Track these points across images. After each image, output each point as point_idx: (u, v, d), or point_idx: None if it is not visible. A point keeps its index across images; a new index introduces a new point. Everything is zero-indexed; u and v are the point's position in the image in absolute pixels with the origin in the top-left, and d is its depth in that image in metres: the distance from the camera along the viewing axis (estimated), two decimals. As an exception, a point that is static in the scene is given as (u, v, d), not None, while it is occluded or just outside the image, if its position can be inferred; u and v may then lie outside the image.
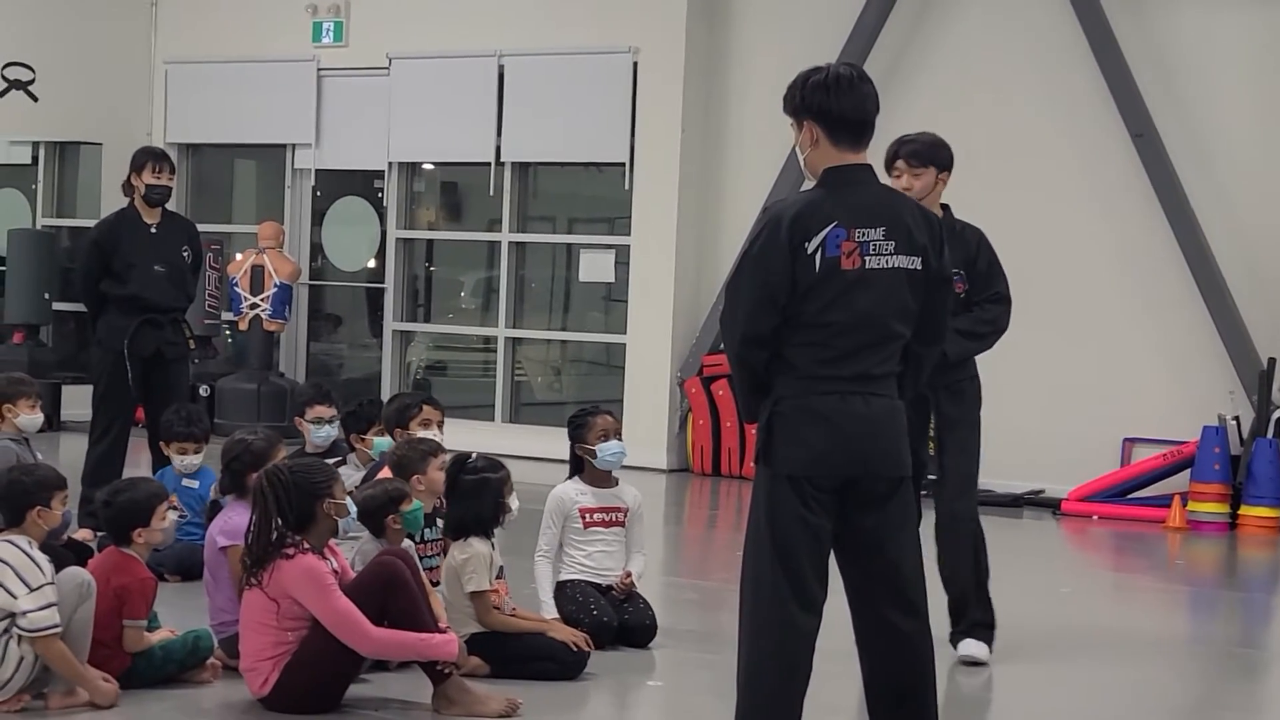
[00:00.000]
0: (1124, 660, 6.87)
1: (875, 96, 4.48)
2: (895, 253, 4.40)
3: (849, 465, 4.40)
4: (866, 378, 4.40)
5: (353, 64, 14.59)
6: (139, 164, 8.88)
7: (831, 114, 4.43)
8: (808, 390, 4.40)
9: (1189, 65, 11.82)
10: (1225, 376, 11.58)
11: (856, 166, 4.45)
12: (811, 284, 4.36)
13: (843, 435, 4.38)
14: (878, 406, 4.41)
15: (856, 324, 4.38)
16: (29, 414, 7.53)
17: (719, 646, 6.90)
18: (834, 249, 4.35)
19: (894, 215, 4.43)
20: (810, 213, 4.39)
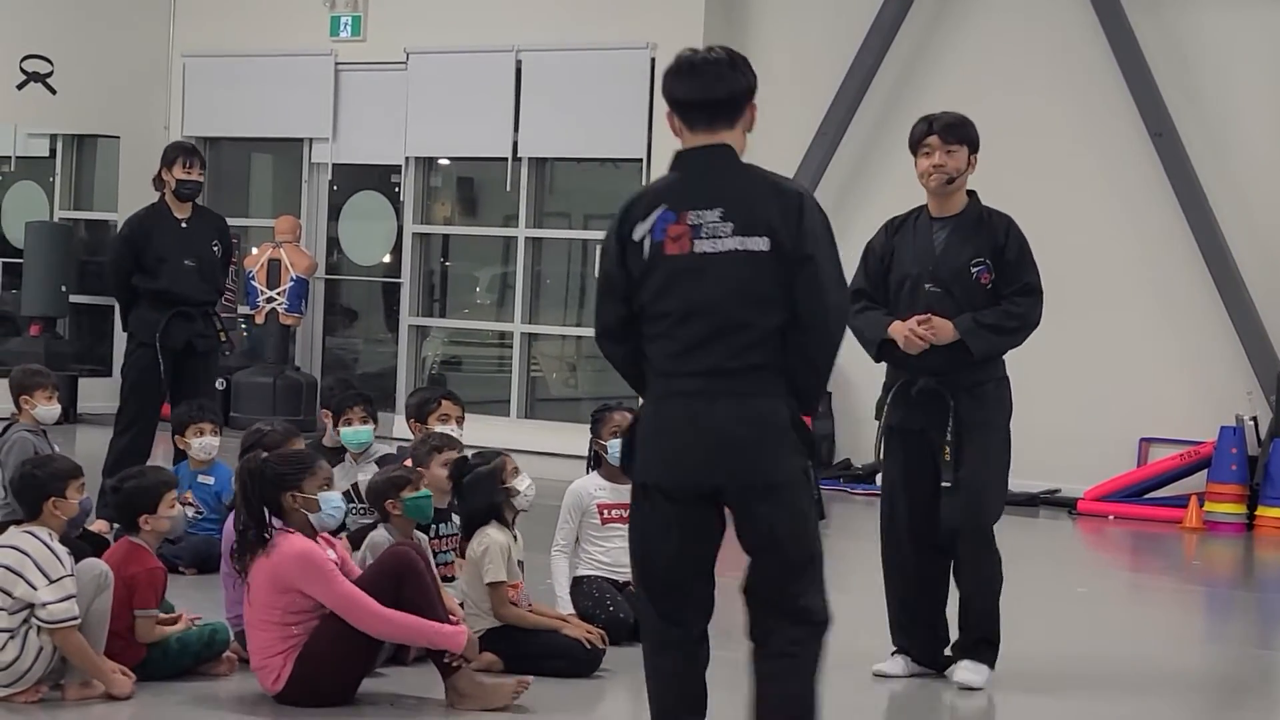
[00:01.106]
0: (1140, 661, 6.85)
1: (730, 75, 4.25)
2: (734, 234, 4.14)
3: (703, 475, 4.18)
4: (722, 373, 4.15)
5: (370, 58, 14.59)
6: (170, 159, 8.92)
7: (678, 99, 4.28)
8: (664, 390, 4.24)
9: (1209, 64, 11.78)
10: (1243, 377, 11.54)
11: (708, 148, 4.25)
12: (643, 272, 4.20)
13: (692, 443, 4.16)
14: (735, 409, 4.14)
15: (693, 312, 4.15)
16: (46, 405, 7.54)
17: (734, 643, 6.87)
18: (660, 234, 4.18)
19: (736, 194, 4.19)
20: (643, 198, 4.26)
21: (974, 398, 6.02)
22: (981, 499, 6.03)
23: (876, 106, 12.79)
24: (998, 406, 6.07)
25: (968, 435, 6.00)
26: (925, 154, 6.03)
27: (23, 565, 5.23)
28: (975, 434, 6.00)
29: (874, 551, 10.09)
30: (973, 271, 6.00)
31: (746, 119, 4.33)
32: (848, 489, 12.17)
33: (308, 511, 5.41)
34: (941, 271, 6.05)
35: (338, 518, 5.58)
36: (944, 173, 6.01)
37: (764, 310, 4.16)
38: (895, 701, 6.09)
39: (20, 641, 5.23)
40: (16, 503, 5.56)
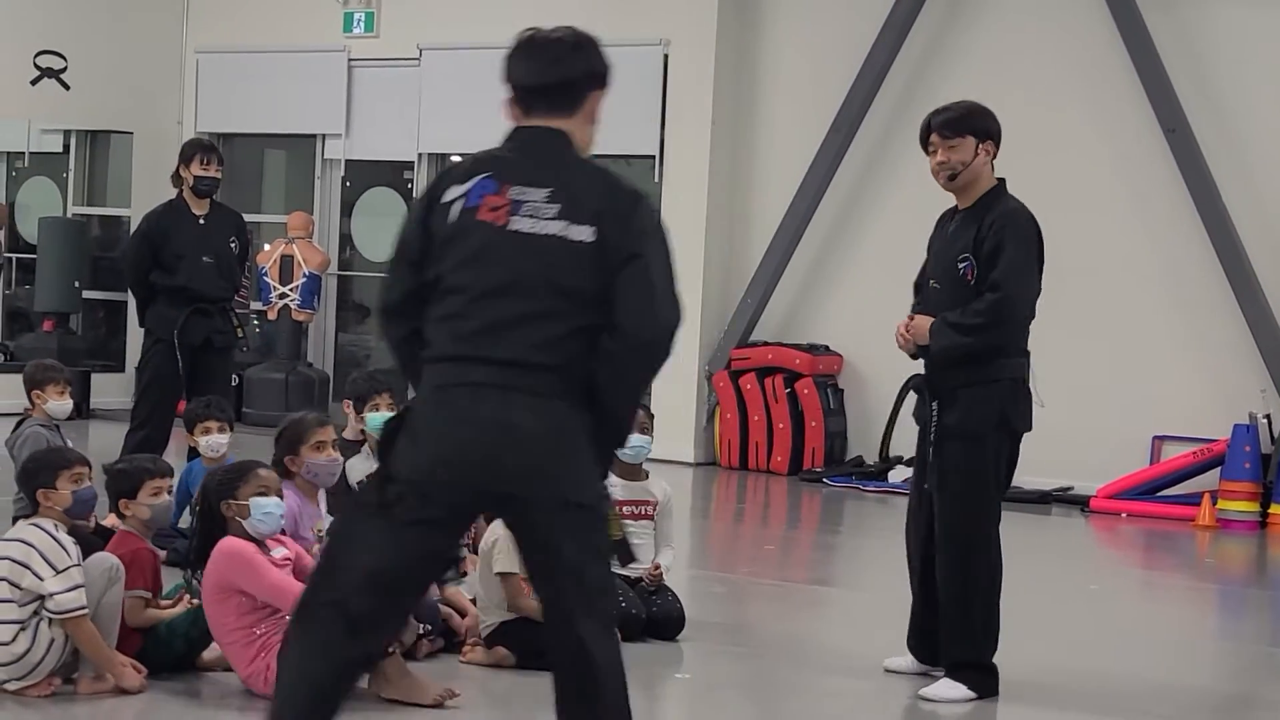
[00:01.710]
0: (1153, 659, 6.84)
1: (570, 59, 3.90)
2: (558, 217, 3.73)
3: (476, 477, 3.68)
4: (518, 365, 3.68)
5: (383, 54, 14.60)
6: (188, 156, 8.94)
7: (512, 80, 3.94)
8: (449, 377, 3.71)
9: (1222, 61, 11.76)
10: (1257, 374, 11.51)
11: (545, 129, 3.87)
12: (445, 236, 3.74)
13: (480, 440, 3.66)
14: (535, 408, 3.68)
15: (498, 291, 3.70)
16: (58, 400, 7.56)
17: (746, 640, 6.89)
18: (476, 199, 3.75)
19: (568, 179, 3.77)
20: (465, 164, 3.85)
21: (953, 400, 5.84)
22: (948, 508, 5.85)
23: (889, 104, 12.77)
24: (972, 411, 5.80)
25: (945, 439, 5.85)
26: (931, 152, 5.94)
27: (29, 557, 5.25)
28: (948, 439, 5.84)
29: (885, 549, 10.12)
30: (959, 267, 5.87)
31: (589, 109, 3.92)
32: (860, 485, 12.17)
33: (240, 518, 5.47)
34: (940, 268, 5.99)
35: (269, 523, 5.50)
36: (946, 168, 5.89)
37: (575, 305, 3.72)
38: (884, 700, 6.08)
39: (31, 634, 5.24)
40: (23, 494, 5.59)
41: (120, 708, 5.27)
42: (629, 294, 3.71)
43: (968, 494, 5.82)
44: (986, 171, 5.94)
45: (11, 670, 5.26)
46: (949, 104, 6.04)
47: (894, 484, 12.11)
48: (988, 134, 5.93)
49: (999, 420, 5.81)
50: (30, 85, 14.43)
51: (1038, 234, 5.91)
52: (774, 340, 13.10)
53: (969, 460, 5.81)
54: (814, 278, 13.16)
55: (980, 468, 5.82)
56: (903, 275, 12.98)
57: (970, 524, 5.83)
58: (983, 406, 5.80)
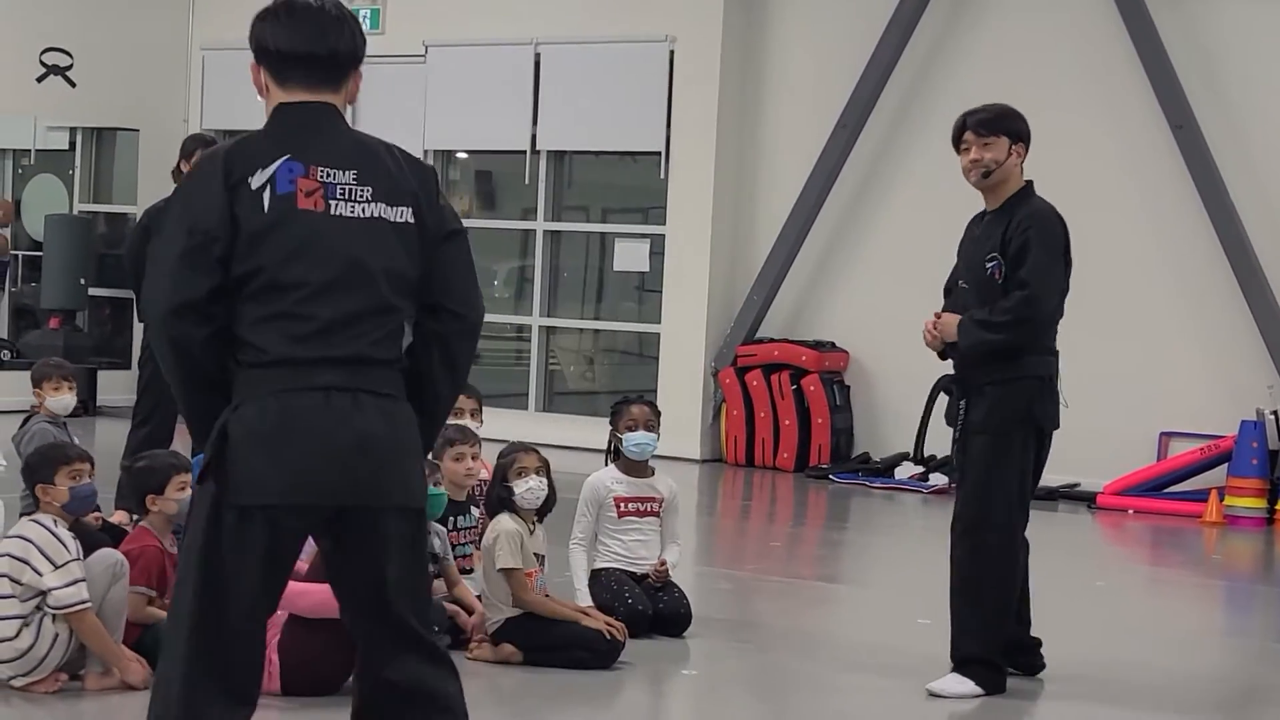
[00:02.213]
0: (1159, 656, 6.83)
1: (337, 30, 3.55)
2: (374, 199, 3.47)
3: (337, 492, 3.35)
4: (363, 363, 3.39)
5: (389, 52, 14.57)
6: (188, 151, 8.92)
7: (269, 49, 3.56)
8: (282, 382, 3.34)
9: (1230, 57, 11.74)
10: (1264, 370, 11.49)
11: (315, 105, 3.52)
12: (262, 229, 3.36)
13: (330, 450, 3.34)
14: (375, 412, 3.38)
15: (337, 285, 3.38)
16: (55, 395, 7.58)
17: (753, 636, 6.89)
18: (287, 184, 3.39)
19: (369, 159, 3.52)
20: (254, 146, 3.46)
21: (979, 397, 5.90)
22: (966, 502, 5.90)
23: (895, 100, 12.76)
24: (998, 409, 5.86)
25: (970, 435, 5.91)
26: (964, 150, 5.99)
27: (28, 552, 5.25)
28: (974, 434, 5.90)
29: (891, 545, 10.11)
30: (987, 267, 5.94)
31: (351, 87, 3.63)
32: (865, 482, 12.15)
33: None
34: (969, 269, 6.08)
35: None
36: (980, 166, 5.95)
37: (406, 293, 3.48)
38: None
39: (35, 629, 5.24)
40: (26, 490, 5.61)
41: (127, 704, 5.26)
42: (454, 274, 3.53)
43: (987, 489, 5.85)
44: (1016, 173, 6.01)
45: (16, 666, 5.26)
46: (983, 105, 6.10)
47: (900, 480, 12.11)
48: (1020, 136, 6.01)
49: (1024, 417, 5.87)
50: (36, 82, 14.44)
51: (1065, 234, 5.99)
52: (780, 337, 13.10)
53: (991, 456, 5.86)
54: (820, 274, 13.15)
55: (1003, 464, 5.85)
56: (909, 271, 13.05)
57: (986, 519, 5.85)
58: (1008, 403, 5.86)
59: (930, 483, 11.97)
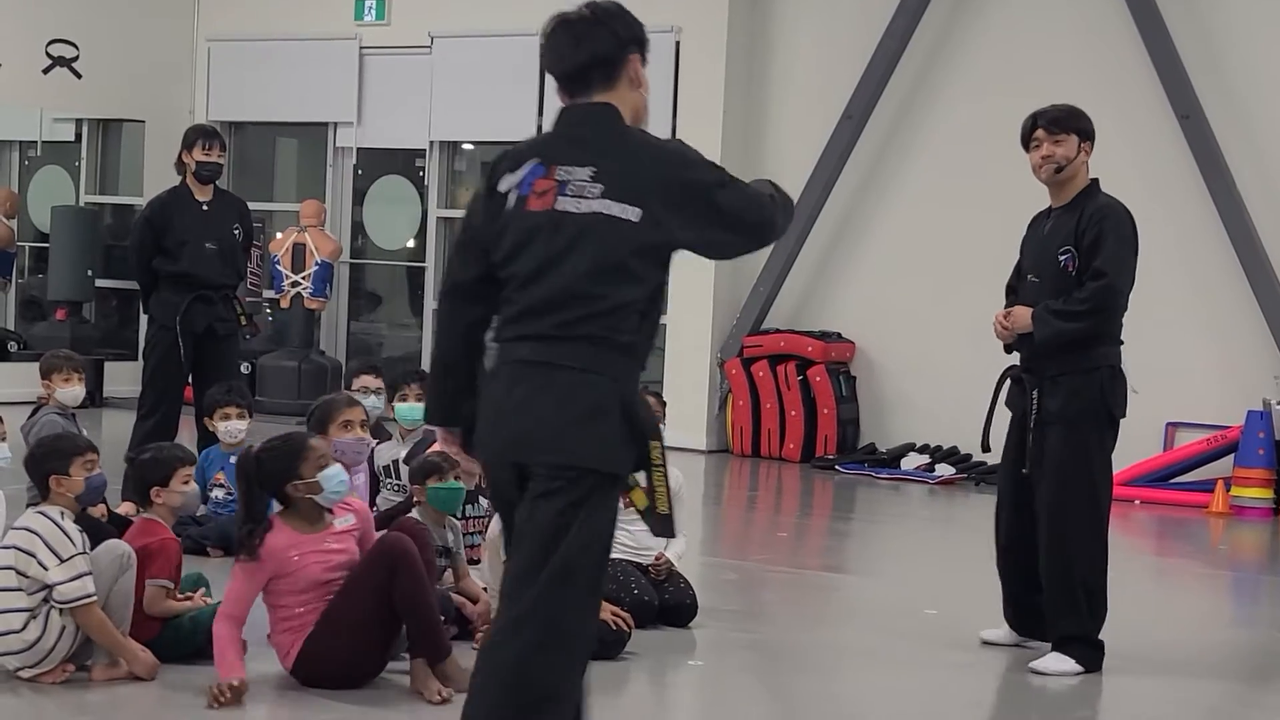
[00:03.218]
0: (1165, 646, 6.83)
1: (590, 37, 3.90)
2: (602, 196, 3.75)
3: (509, 448, 3.77)
4: (558, 341, 3.73)
5: (395, 42, 14.60)
6: (190, 141, 8.92)
7: (548, 67, 3.98)
8: (499, 358, 3.83)
9: (1236, 47, 11.72)
10: (1270, 361, 11.49)
11: (587, 105, 3.90)
12: (502, 227, 3.82)
13: (506, 414, 3.75)
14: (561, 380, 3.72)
15: (539, 274, 3.75)
16: (65, 387, 7.60)
17: (759, 626, 6.89)
18: (526, 188, 3.81)
19: (614, 157, 3.80)
20: (518, 150, 3.91)
21: (1055, 388, 6.14)
22: (1052, 492, 6.12)
23: (902, 91, 12.75)
24: (1075, 399, 6.11)
25: (1047, 425, 6.14)
26: (1035, 147, 6.23)
27: (33, 545, 5.25)
28: (1051, 425, 6.13)
29: (897, 536, 10.12)
30: (1060, 260, 6.17)
31: (629, 76, 3.95)
32: (872, 473, 12.16)
33: (312, 495, 5.38)
34: (1040, 262, 6.27)
35: (343, 491, 5.47)
36: (1052, 162, 6.19)
37: (618, 281, 3.74)
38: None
39: (42, 621, 5.25)
40: (31, 482, 5.58)
41: (135, 695, 5.28)
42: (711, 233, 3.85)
43: (1071, 478, 6.09)
44: (1084, 170, 6.27)
45: (24, 658, 5.28)
46: (1052, 105, 6.35)
47: (906, 471, 12.11)
48: (1088, 134, 6.28)
49: (1099, 406, 6.14)
50: (42, 74, 14.45)
51: (1135, 227, 6.27)
52: (786, 327, 13.10)
53: (1071, 445, 6.10)
54: (826, 265, 13.15)
55: (1083, 452, 6.11)
56: (915, 262, 13.03)
57: (1073, 506, 6.08)
58: (1085, 393, 6.11)
59: (936, 473, 11.98)
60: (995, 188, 11.57)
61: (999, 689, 6.10)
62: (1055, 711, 5.80)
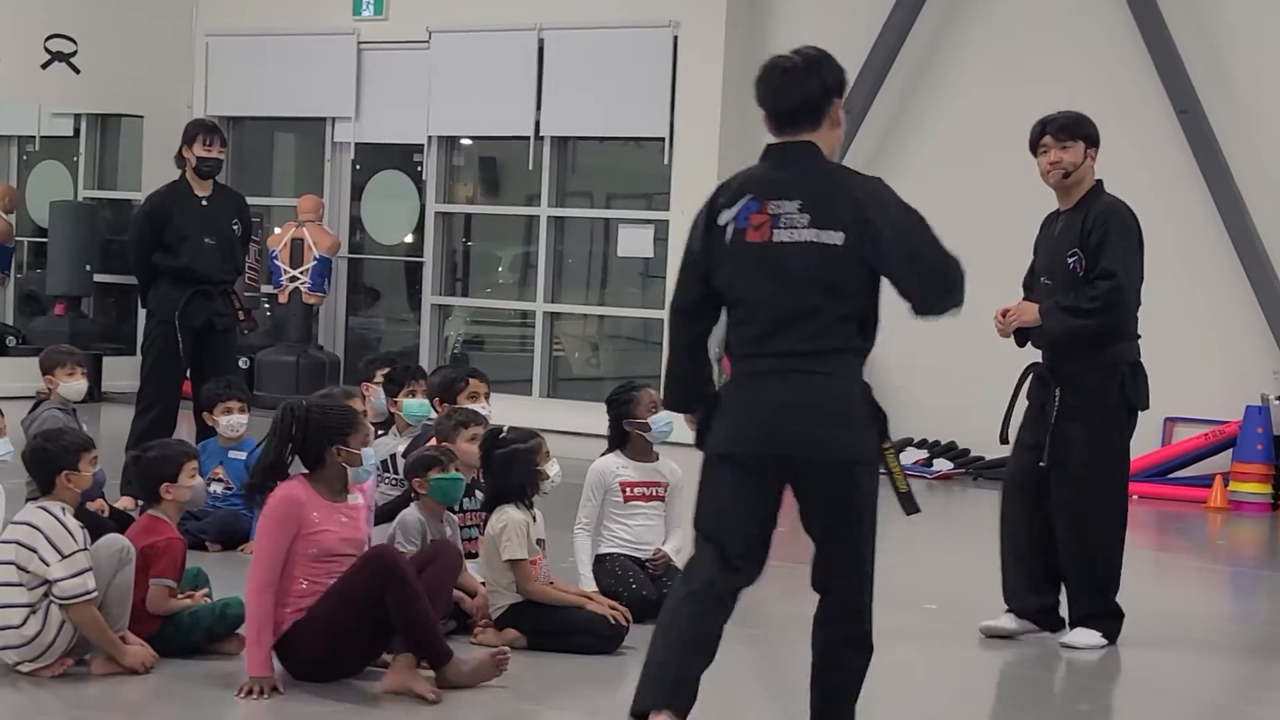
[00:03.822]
0: (1164, 640, 6.84)
1: (803, 82, 4.43)
2: (810, 226, 4.35)
3: (770, 445, 4.39)
4: (795, 355, 4.37)
5: (393, 37, 14.59)
6: (190, 136, 8.92)
7: (762, 105, 4.54)
8: (742, 370, 4.45)
9: (1235, 41, 11.70)
10: (1269, 356, 11.48)
11: (792, 143, 4.48)
12: (722, 257, 4.41)
13: (749, 415, 4.39)
14: (805, 385, 4.37)
15: (767, 299, 4.37)
16: (68, 381, 7.59)
17: (757, 622, 6.89)
18: (743, 221, 4.40)
19: (817, 191, 4.39)
20: (731, 185, 4.49)
21: (1076, 385, 6.34)
22: (1073, 482, 6.34)
23: (900, 86, 12.74)
24: (1096, 395, 6.34)
25: (1069, 420, 6.34)
26: (1043, 152, 6.42)
27: (35, 541, 5.25)
28: (1073, 420, 6.33)
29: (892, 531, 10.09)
30: (1068, 262, 6.36)
31: (830, 118, 4.48)
32: (871, 468, 12.14)
33: (349, 465, 5.37)
34: (1052, 265, 6.44)
35: (371, 474, 5.67)
36: (1060, 168, 6.38)
37: (840, 298, 4.39)
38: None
39: (41, 616, 5.25)
40: (30, 476, 5.57)
41: (133, 689, 5.28)
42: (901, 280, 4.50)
43: (1093, 470, 6.35)
44: (1090, 174, 6.47)
45: (23, 652, 5.28)
46: (1059, 111, 6.54)
47: (904, 466, 12.05)
48: (1093, 140, 6.48)
49: (1120, 400, 6.40)
50: (40, 69, 14.44)
51: (1138, 225, 6.45)
52: (784, 322, 13.07)
53: (1095, 437, 6.35)
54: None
55: (1105, 443, 6.40)
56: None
57: (1094, 496, 6.37)
58: (1106, 389, 6.37)
59: (934, 468, 11.98)
60: (994, 183, 11.57)
61: (998, 684, 6.11)
62: (1054, 707, 5.81)
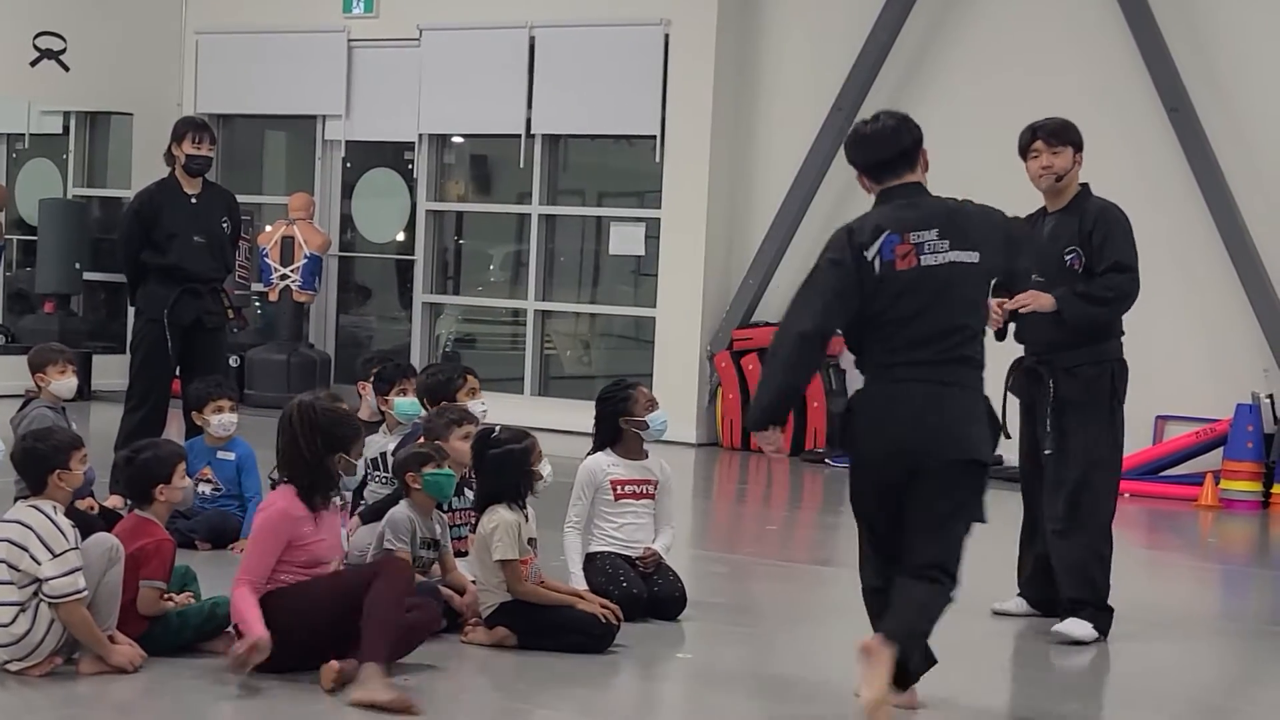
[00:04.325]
0: (1155, 638, 6.84)
1: (895, 137, 5.15)
2: (952, 249, 5.03)
3: (911, 445, 4.99)
4: (938, 364, 5.01)
5: (383, 35, 14.58)
6: (179, 134, 8.89)
7: (859, 163, 5.21)
8: (886, 378, 5.05)
9: (1225, 39, 11.72)
10: (1260, 354, 11.50)
11: (906, 184, 5.16)
12: (876, 285, 5.01)
13: (896, 420, 5.01)
14: (940, 393, 5.00)
15: (917, 315, 5.00)
16: (60, 379, 7.57)
17: (748, 619, 6.89)
18: (889, 254, 5.02)
19: (946, 218, 5.08)
20: (864, 227, 5.09)
21: (1071, 377, 6.53)
22: (1080, 472, 6.52)
23: (892, 82, 12.74)
24: (1092, 387, 6.54)
25: (1067, 412, 6.53)
26: (1034, 157, 6.66)
27: (26, 539, 5.23)
28: (1071, 412, 6.52)
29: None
30: (1066, 259, 6.54)
31: (922, 162, 5.21)
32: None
33: (345, 474, 5.49)
34: (1045, 262, 6.58)
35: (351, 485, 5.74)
36: (1052, 173, 6.61)
37: (973, 312, 5.10)
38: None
39: (31, 615, 5.24)
40: (20, 476, 5.55)
41: (121, 686, 5.27)
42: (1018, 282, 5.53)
43: (1088, 459, 6.52)
44: (1077, 177, 6.71)
45: (12, 651, 5.26)
46: (1047, 118, 6.78)
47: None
48: (1080, 145, 6.72)
49: (1112, 392, 6.62)
50: (30, 66, 14.41)
51: (1131, 226, 6.68)
52: (776, 320, 13.06)
53: (1091, 428, 6.53)
54: (816, 257, 13.12)
55: (1102, 434, 6.58)
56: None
57: (1087, 484, 6.53)
58: (1101, 381, 6.58)
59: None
60: (985, 180, 11.49)
61: (988, 681, 6.11)
62: (1043, 705, 5.80)
